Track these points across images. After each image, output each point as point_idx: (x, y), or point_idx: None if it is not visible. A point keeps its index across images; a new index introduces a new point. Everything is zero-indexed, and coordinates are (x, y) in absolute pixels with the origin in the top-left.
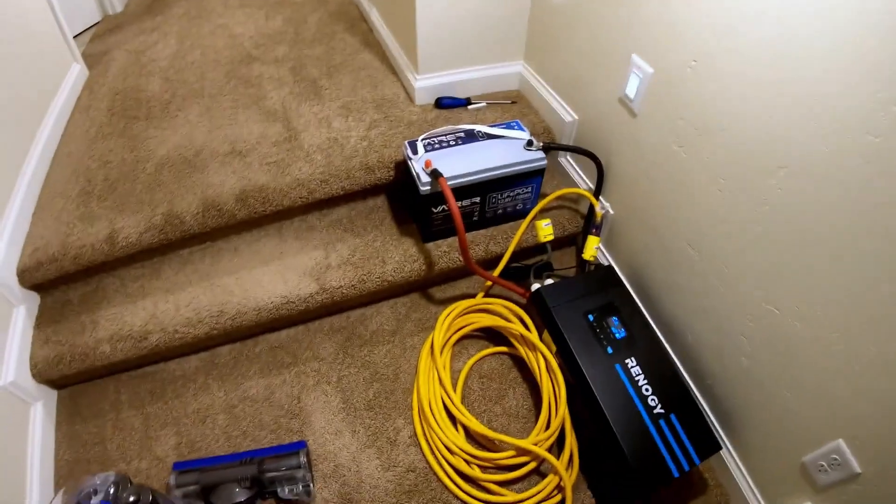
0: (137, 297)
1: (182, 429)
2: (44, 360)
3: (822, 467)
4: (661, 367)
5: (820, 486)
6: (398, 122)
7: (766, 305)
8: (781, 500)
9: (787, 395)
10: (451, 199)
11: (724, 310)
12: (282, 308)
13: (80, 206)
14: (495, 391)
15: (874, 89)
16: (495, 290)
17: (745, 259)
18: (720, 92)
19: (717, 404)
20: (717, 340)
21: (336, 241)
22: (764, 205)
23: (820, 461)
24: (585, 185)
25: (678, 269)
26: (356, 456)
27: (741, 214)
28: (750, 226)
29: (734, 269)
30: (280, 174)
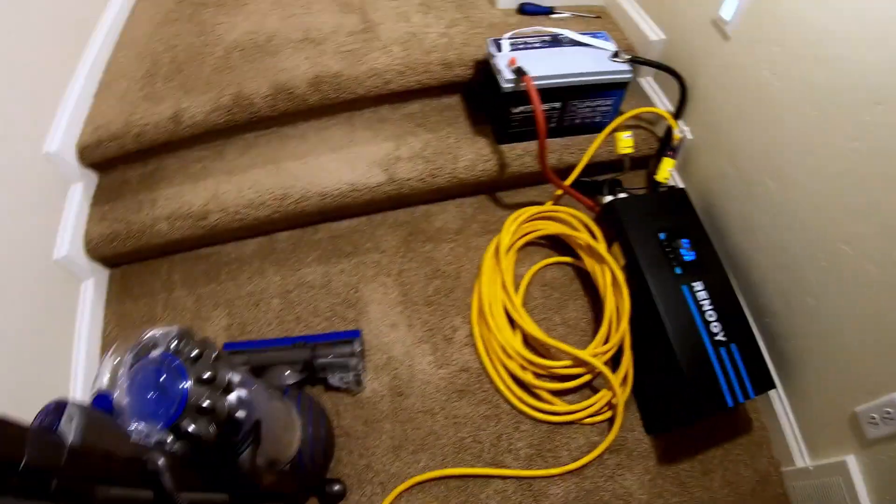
0: (199, 178)
1: (234, 311)
2: (98, 237)
3: (873, 419)
4: (726, 297)
5: (868, 439)
6: (479, 24)
7: (841, 245)
8: (824, 449)
9: (850, 341)
10: (535, 99)
11: (796, 246)
12: (347, 196)
13: (145, 86)
14: (556, 301)
15: None
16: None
17: (825, 195)
18: (821, 20)
19: (774, 344)
20: (784, 277)
21: (408, 134)
22: (854, 141)
23: (872, 413)
24: (664, 107)
25: (753, 201)
26: (410, 350)
27: (828, 149)
28: (836, 161)
29: (812, 204)
30: (356, 62)
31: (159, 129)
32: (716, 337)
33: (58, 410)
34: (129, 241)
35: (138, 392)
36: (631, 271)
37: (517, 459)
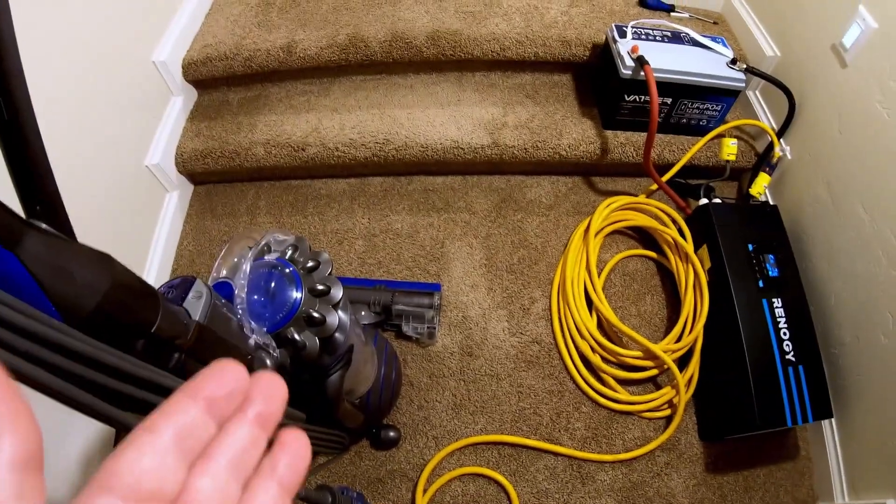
0: (302, 111)
1: (317, 244)
2: (191, 152)
3: None
4: (801, 318)
5: None
6: (600, 9)
7: None
8: (865, 490)
9: None
10: (653, 89)
11: (877, 282)
12: (449, 151)
13: (260, 14)
14: (635, 292)
15: None
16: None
17: None
18: None
19: (836, 375)
20: (859, 310)
21: (516, 103)
22: None
23: None
24: (768, 122)
25: (842, 230)
26: (486, 313)
27: None
28: None
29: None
30: (475, 24)
31: (270, 56)
32: (787, 355)
33: (184, 286)
34: (221, 160)
35: (251, 291)
36: (715, 276)
37: (572, 439)
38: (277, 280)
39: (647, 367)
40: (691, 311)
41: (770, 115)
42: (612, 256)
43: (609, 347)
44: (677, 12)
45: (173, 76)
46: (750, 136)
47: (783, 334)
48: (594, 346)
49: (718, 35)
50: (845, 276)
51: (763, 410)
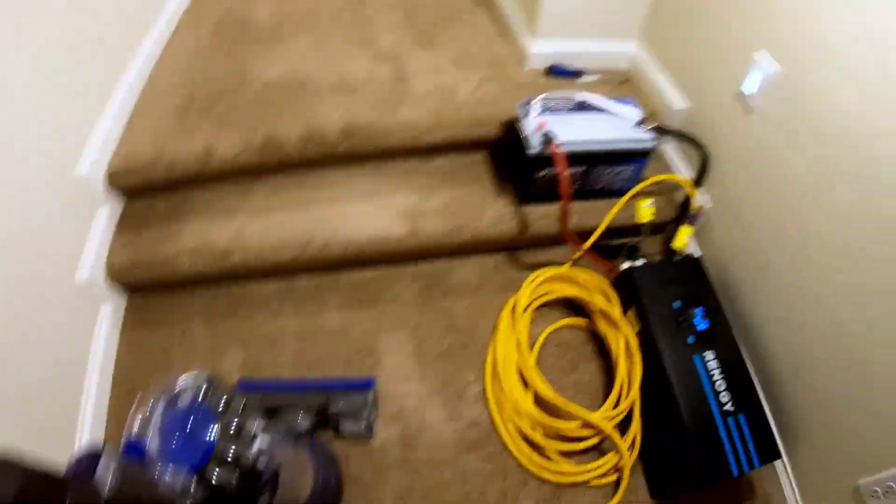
0: (225, 215)
1: (250, 349)
2: (121, 263)
3: (875, 493)
4: (736, 366)
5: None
6: (508, 83)
7: (852, 328)
8: None
9: (855, 418)
10: (562, 166)
11: (807, 325)
12: (371, 245)
13: (179, 117)
14: (569, 362)
15: None
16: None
17: (838, 277)
18: (849, 103)
19: (781, 413)
20: (795, 352)
21: (434, 188)
22: (870, 227)
23: (875, 486)
24: (685, 174)
25: (767, 274)
26: (422, 402)
27: (845, 232)
28: (853, 245)
29: (825, 286)
30: (388, 113)
31: (190, 163)
32: (724, 407)
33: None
34: (151, 270)
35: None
36: (644, 338)
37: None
38: (193, 422)
39: (588, 436)
40: (626, 375)
41: (686, 167)
42: (542, 329)
43: (548, 422)
44: (586, 76)
45: (98, 188)
46: (669, 189)
47: (718, 386)
48: (533, 423)
49: (627, 95)
50: (776, 319)
51: (705, 466)
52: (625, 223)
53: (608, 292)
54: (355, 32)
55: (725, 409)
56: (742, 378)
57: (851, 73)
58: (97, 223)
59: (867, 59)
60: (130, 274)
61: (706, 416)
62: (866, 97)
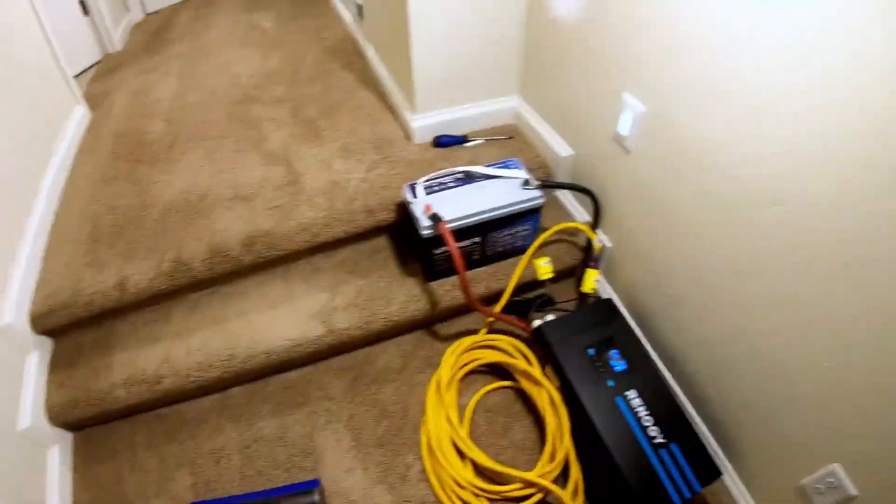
0: (149, 342)
1: (197, 469)
2: (59, 405)
3: (819, 490)
4: (662, 398)
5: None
6: (397, 163)
7: (761, 335)
8: None
9: (783, 421)
10: (451, 244)
11: (720, 340)
12: (291, 350)
13: (89, 252)
14: (501, 425)
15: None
16: (499, 326)
17: (741, 290)
18: (711, 131)
19: (719, 429)
20: (715, 369)
21: (341, 282)
22: (759, 239)
23: (817, 484)
24: (584, 219)
25: (676, 301)
26: (368, 492)
27: (735, 247)
28: (745, 257)
29: (728, 299)
30: (284, 219)
31: (106, 297)
32: (654, 440)
33: None
34: (88, 407)
35: None
36: (566, 390)
37: None
38: None
39: (532, 494)
40: (556, 429)
41: (583, 210)
42: (470, 398)
43: (490, 489)
44: (471, 140)
45: (24, 334)
46: (571, 235)
47: (645, 421)
48: (476, 492)
49: (512, 154)
50: (692, 342)
51: (646, 501)
52: (533, 277)
53: (526, 352)
54: (245, 135)
55: (655, 441)
56: (669, 407)
57: (713, 104)
58: (29, 369)
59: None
60: (70, 414)
61: (638, 453)
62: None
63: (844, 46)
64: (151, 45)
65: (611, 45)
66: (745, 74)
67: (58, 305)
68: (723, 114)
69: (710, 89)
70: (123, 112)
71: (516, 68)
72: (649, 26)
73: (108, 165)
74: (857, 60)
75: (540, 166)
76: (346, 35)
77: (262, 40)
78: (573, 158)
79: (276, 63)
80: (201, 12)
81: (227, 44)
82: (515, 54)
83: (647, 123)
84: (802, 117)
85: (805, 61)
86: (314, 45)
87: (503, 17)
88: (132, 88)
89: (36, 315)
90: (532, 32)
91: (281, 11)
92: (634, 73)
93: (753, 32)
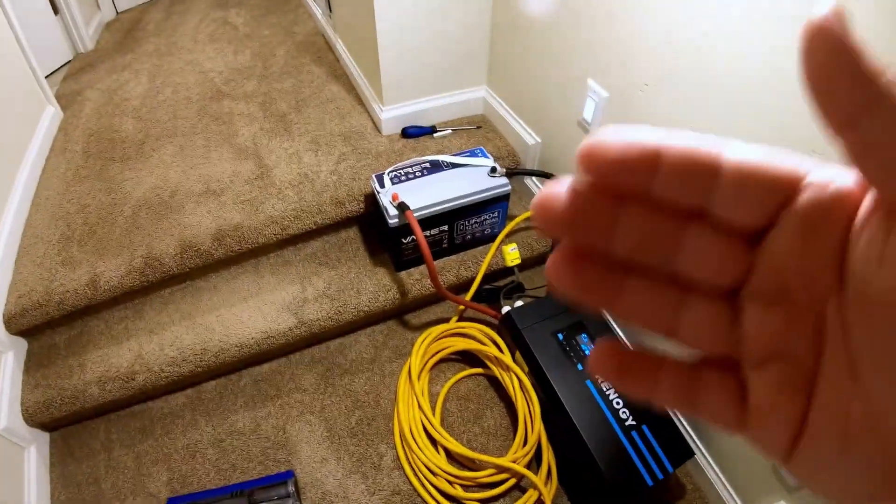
0: (122, 339)
1: (173, 464)
2: (35, 405)
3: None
4: None
5: (792, 485)
6: (366, 154)
7: None
8: (758, 500)
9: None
10: (418, 232)
11: None
12: (263, 343)
13: (62, 251)
14: (473, 412)
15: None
16: (469, 314)
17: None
18: (670, 114)
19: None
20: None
21: (311, 274)
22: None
23: None
24: None
25: None
26: (342, 482)
27: None
28: None
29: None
30: (254, 212)
31: (79, 295)
32: (626, 423)
33: None
34: (64, 406)
35: None
36: (536, 375)
37: None
38: None
39: (505, 479)
40: (527, 413)
41: None
42: (442, 386)
43: (463, 475)
44: (439, 131)
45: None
46: None
47: (616, 404)
48: (450, 479)
49: (479, 144)
50: None
51: (619, 484)
52: (503, 265)
53: (496, 339)
54: (216, 130)
55: (627, 424)
56: None
57: (672, 85)
58: (4, 370)
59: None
60: (46, 414)
61: (609, 435)
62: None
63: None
64: (123, 44)
65: (574, 33)
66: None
67: (31, 305)
68: (678, 99)
69: (666, 75)
70: (94, 111)
71: (484, 59)
72: (610, 16)
73: (80, 164)
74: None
75: (508, 154)
76: (316, 30)
77: (233, 36)
78: (540, 146)
79: (247, 59)
80: (173, 10)
81: (199, 41)
82: (482, 45)
83: (610, 109)
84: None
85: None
86: (285, 41)
87: (470, 8)
88: (104, 87)
89: (9, 316)
90: (498, 24)
91: (252, 7)
92: (597, 61)
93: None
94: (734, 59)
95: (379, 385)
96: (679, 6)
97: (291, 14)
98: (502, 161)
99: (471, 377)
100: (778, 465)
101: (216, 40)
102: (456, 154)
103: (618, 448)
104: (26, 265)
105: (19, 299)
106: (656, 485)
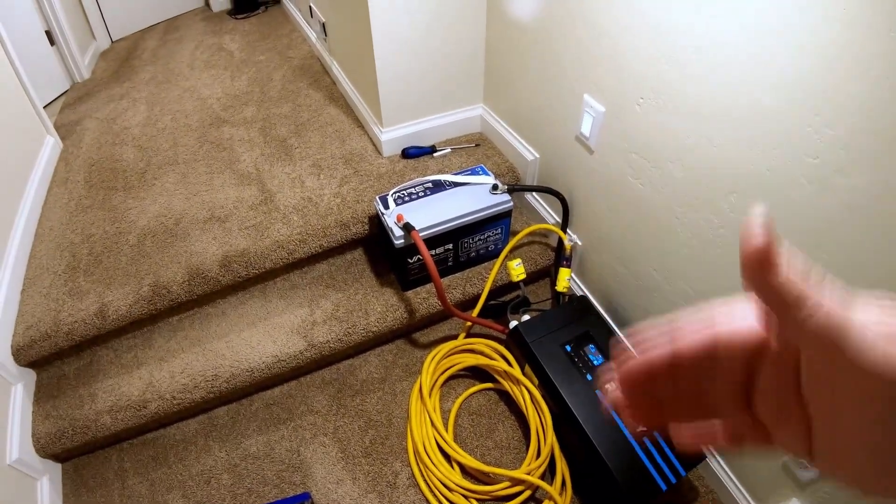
0: (132, 367)
1: (188, 491)
2: (46, 436)
3: (802, 464)
4: None
5: (803, 482)
6: (368, 176)
7: None
8: (771, 498)
9: None
10: (424, 251)
11: None
12: (273, 367)
13: (68, 281)
14: (485, 426)
15: (809, 114)
16: (477, 329)
17: (707, 281)
18: (666, 126)
19: None
20: None
21: (319, 297)
22: (720, 228)
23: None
24: (553, 220)
25: (647, 294)
26: (359, 502)
27: (700, 238)
28: (709, 248)
29: (697, 290)
30: (259, 237)
31: (87, 325)
32: (638, 430)
33: None
34: (75, 436)
35: None
36: (546, 388)
37: None
38: None
39: (521, 492)
40: (539, 425)
41: (552, 212)
42: (453, 402)
43: (479, 489)
44: (439, 150)
45: (7, 367)
46: (543, 236)
47: None
48: (466, 494)
49: (479, 162)
50: None
51: (633, 490)
52: (508, 280)
53: (505, 353)
54: (217, 157)
55: (639, 430)
56: None
57: (668, 98)
58: (14, 402)
59: (679, 82)
60: (58, 444)
61: (621, 444)
62: (685, 117)
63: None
64: (119, 73)
65: (569, 49)
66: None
67: (39, 336)
68: (673, 111)
69: (662, 88)
70: (95, 140)
71: (479, 78)
72: (604, 32)
73: (82, 194)
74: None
75: (508, 171)
76: (311, 53)
77: (229, 62)
78: (539, 161)
79: (244, 84)
80: (167, 37)
81: (195, 67)
82: (478, 65)
83: (607, 123)
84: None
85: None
86: (281, 65)
87: (464, 29)
88: (102, 116)
89: (18, 347)
90: (493, 42)
91: (246, 33)
92: (593, 76)
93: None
94: (725, 73)
95: (391, 404)
96: (671, 23)
97: (285, 38)
98: (502, 177)
99: (481, 392)
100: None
101: (212, 67)
102: (457, 173)
103: (630, 455)
104: (33, 296)
105: (27, 330)
106: (670, 489)
